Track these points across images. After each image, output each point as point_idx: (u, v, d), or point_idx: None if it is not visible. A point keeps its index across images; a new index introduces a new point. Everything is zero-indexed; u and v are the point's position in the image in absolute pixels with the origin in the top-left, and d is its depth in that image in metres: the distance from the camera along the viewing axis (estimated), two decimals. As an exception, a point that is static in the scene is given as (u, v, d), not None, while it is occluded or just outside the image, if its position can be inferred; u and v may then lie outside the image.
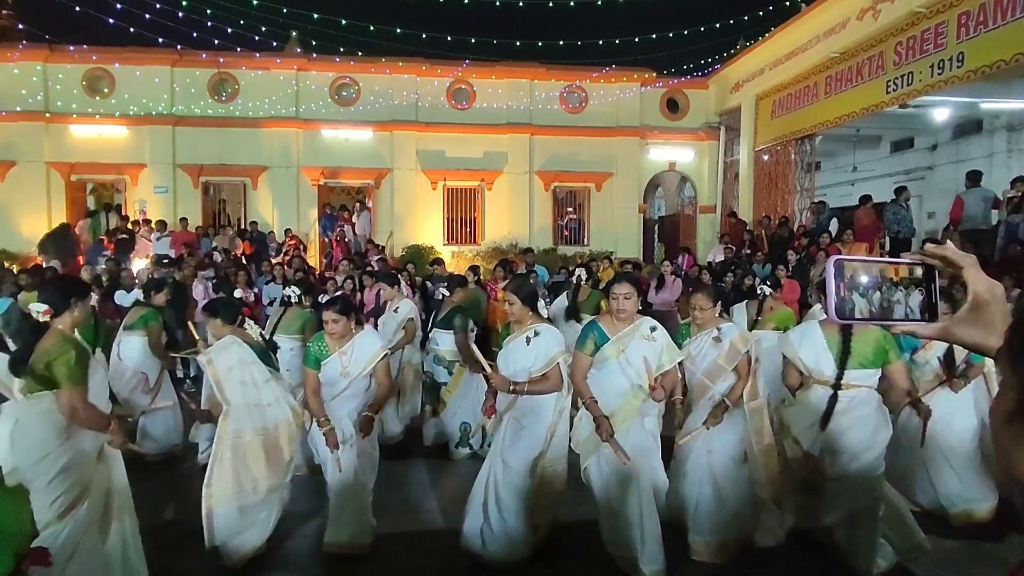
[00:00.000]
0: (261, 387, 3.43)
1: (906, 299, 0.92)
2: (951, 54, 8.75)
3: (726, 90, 15.38)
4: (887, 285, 0.92)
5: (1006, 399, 0.67)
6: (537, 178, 15.56)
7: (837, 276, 0.91)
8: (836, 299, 0.91)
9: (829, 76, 11.52)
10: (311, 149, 14.80)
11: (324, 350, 3.66)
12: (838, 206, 14.48)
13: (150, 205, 13.96)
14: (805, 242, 10.20)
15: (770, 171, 13.89)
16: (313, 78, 14.78)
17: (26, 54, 13.72)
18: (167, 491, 4.54)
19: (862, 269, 0.91)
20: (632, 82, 15.62)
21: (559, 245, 15.57)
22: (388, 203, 15.11)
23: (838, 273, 0.91)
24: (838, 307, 0.91)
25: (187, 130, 14.28)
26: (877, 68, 10.28)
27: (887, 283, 0.92)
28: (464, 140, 15.14)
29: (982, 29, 8.25)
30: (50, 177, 14.03)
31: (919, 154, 14.99)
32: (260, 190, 14.78)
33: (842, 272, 0.91)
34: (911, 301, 0.92)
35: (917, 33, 9.39)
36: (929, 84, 9.21)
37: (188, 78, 14.30)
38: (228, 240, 12.28)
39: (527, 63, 15.17)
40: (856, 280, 0.91)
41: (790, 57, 12.66)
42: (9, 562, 1.23)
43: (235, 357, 3.44)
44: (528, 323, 3.47)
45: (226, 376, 3.37)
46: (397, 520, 4.06)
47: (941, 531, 3.83)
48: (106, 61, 13.99)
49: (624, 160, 15.76)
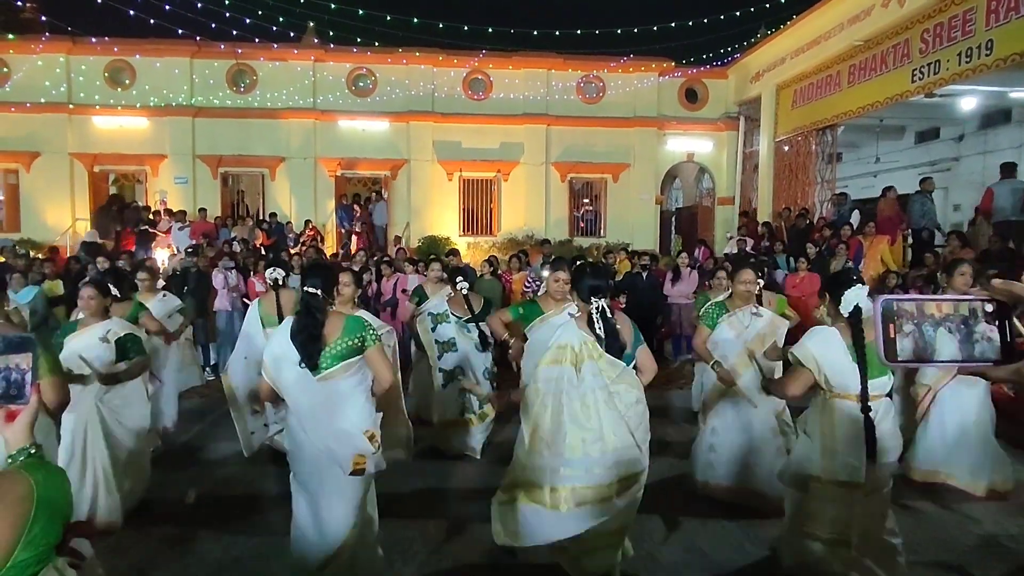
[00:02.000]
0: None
1: (965, 336, 0.87)
2: (980, 41, 8.52)
3: (746, 80, 15.15)
4: (937, 321, 0.87)
5: None
6: (553, 169, 15.49)
7: (886, 317, 0.88)
8: (885, 341, 0.88)
9: (852, 65, 11.29)
10: (328, 140, 14.87)
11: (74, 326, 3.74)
12: (860, 198, 14.24)
13: (170, 196, 14.15)
14: (827, 234, 10.05)
15: (790, 162, 13.68)
16: (330, 69, 14.82)
17: (49, 46, 13.93)
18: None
19: (912, 307, 0.88)
20: (650, 72, 15.45)
21: (575, 236, 15.52)
22: (404, 194, 15.15)
23: (887, 314, 0.88)
24: (887, 350, 0.88)
25: (206, 121, 14.42)
26: (903, 56, 10.05)
27: (939, 319, 0.87)
28: (480, 131, 15.11)
29: (1013, 16, 8.02)
30: (74, 168, 14.28)
31: (945, 145, 14.67)
32: (278, 181, 14.90)
33: (892, 313, 0.88)
34: (974, 338, 0.87)
35: (944, 20, 9.16)
36: (956, 73, 8.99)
37: (207, 69, 14.43)
38: (247, 230, 12.42)
39: (544, 53, 15.07)
40: (906, 319, 0.87)
41: (812, 46, 12.42)
42: (59, 532, 1.30)
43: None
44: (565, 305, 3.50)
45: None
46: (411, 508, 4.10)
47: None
48: (127, 53, 14.16)
49: (641, 151, 15.63)
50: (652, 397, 3.23)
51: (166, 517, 3.92)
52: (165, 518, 3.91)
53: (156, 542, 3.64)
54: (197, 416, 6.09)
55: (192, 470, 4.79)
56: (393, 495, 3.87)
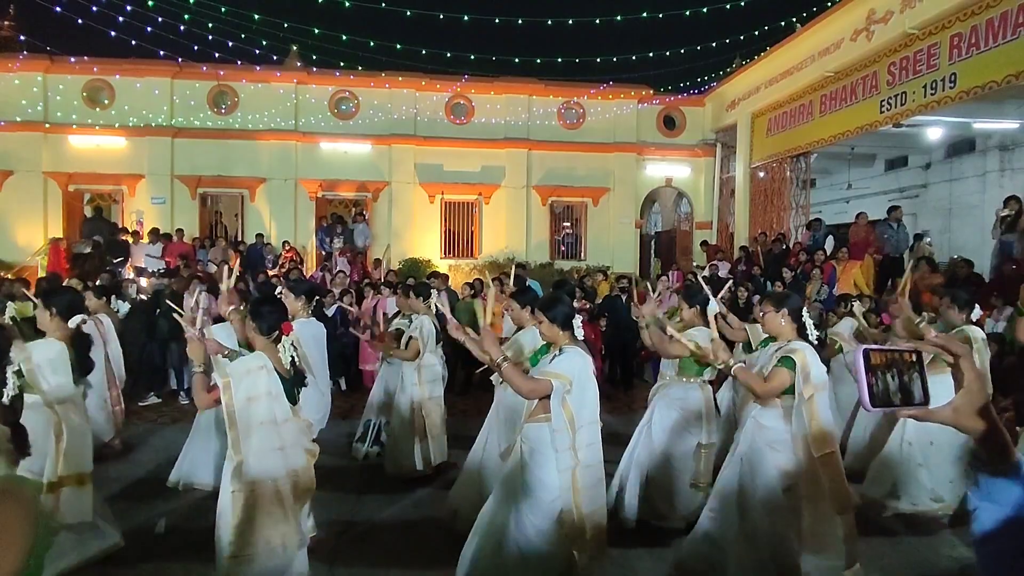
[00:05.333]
0: (280, 427, 2.87)
1: (913, 383, 0.97)
2: (944, 75, 8.88)
3: (722, 107, 15.53)
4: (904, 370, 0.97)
5: None
6: (534, 192, 15.63)
7: (867, 366, 0.95)
8: (868, 387, 0.95)
9: (824, 95, 11.66)
10: (310, 162, 14.86)
11: None
12: (833, 223, 14.59)
13: (147, 216, 13.97)
14: (803, 258, 10.26)
15: (766, 188, 13.99)
16: (313, 91, 14.87)
17: (27, 64, 13.78)
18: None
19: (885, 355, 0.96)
20: (629, 99, 15.77)
21: (556, 259, 15.61)
22: (386, 216, 15.15)
23: (867, 363, 0.95)
24: (871, 395, 0.95)
25: (186, 142, 14.33)
26: (871, 88, 10.41)
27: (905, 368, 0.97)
28: (462, 154, 15.22)
29: (974, 51, 8.38)
30: (47, 187, 14.03)
31: (913, 172, 15.15)
32: (258, 202, 14.81)
33: (870, 361, 0.95)
34: (917, 385, 0.97)
35: (910, 54, 9.53)
36: (922, 104, 9.33)
37: (188, 90, 14.38)
38: (221, 252, 12.25)
39: (525, 79, 15.31)
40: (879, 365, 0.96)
41: (785, 76, 12.81)
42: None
43: (261, 387, 2.82)
44: (561, 343, 3.06)
45: (243, 409, 2.78)
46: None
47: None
48: (106, 72, 14.06)
49: (621, 175, 15.86)
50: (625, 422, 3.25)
51: (135, 548, 3.79)
52: (134, 549, 3.78)
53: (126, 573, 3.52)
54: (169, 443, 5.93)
55: (162, 499, 4.66)
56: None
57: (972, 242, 12.05)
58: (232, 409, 2.72)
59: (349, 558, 3.76)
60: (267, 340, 2.91)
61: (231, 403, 2.72)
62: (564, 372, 2.89)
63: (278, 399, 2.86)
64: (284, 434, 2.88)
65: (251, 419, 2.78)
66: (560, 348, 3.03)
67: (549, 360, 3.03)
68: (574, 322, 3.07)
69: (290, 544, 2.88)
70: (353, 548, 3.89)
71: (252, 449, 2.78)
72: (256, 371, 2.81)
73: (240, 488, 2.77)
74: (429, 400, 5.05)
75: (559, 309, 3.06)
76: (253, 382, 2.79)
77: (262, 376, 2.82)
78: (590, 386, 2.95)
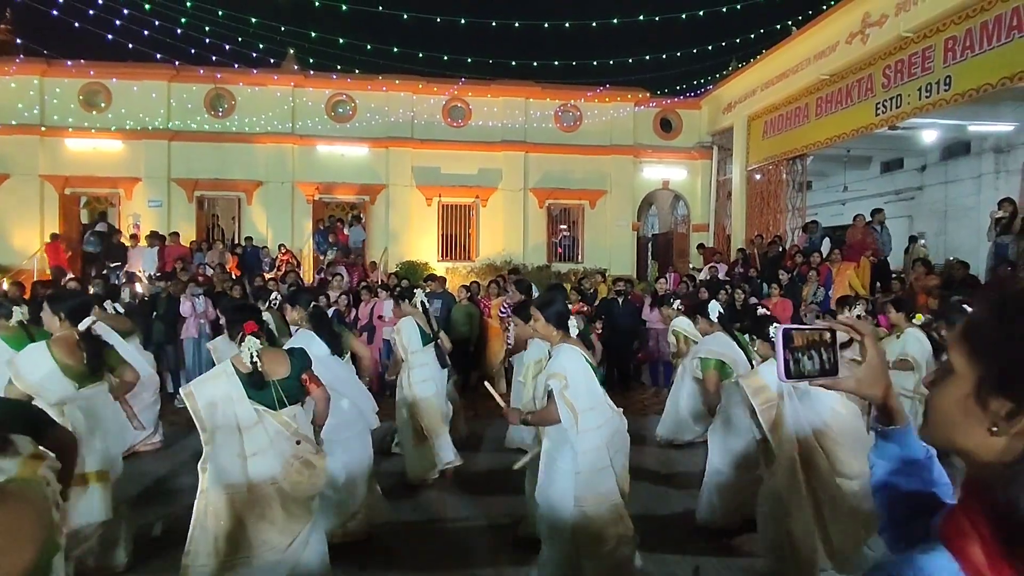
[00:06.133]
0: (246, 433, 2.86)
1: (827, 358, 1.10)
2: (938, 78, 8.92)
3: (718, 110, 15.57)
4: (820, 347, 1.09)
5: (960, 384, 0.83)
6: (531, 195, 15.65)
7: (786, 342, 1.07)
8: (784, 362, 1.07)
9: (819, 98, 11.70)
10: (307, 165, 14.86)
11: None
12: (830, 225, 14.64)
13: (144, 219, 13.94)
14: (799, 260, 10.28)
15: (762, 190, 14.03)
16: (309, 95, 14.88)
17: (23, 68, 13.76)
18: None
19: (804, 335, 1.09)
20: (626, 102, 15.80)
21: (553, 262, 15.62)
22: (383, 219, 15.15)
23: (786, 340, 1.07)
24: (787, 369, 1.07)
25: (182, 145, 14.31)
26: (866, 90, 10.45)
27: (821, 345, 1.09)
28: (459, 157, 15.24)
29: (968, 54, 8.43)
30: (44, 190, 14.00)
31: (908, 174, 15.20)
32: (255, 205, 14.79)
33: (791, 338, 1.07)
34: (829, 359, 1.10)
35: (905, 57, 9.57)
36: (917, 107, 9.37)
37: (185, 93, 14.37)
38: (218, 255, 12.24)
39: (522, 82, 15.34)
40: (799, 344, 1.08)
41: (781, 79, 12.86)
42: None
43: (220, 392, 2.85)
44: (555, 343, 3.19)
45: (209, 416, 2.81)
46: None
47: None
48: (103, 76, 14.05)
49: (618, 178, 15.89)
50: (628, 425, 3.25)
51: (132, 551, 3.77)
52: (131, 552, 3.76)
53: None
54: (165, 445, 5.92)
55: (159, 502, 4.64)
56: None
57: (968, 244, 12.11)
58: (198, 415, 2.81)
59: (349, 563, 3.76)
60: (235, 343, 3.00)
61: (196, 409, 2.81)
62: (557, 371, 3.02)
63: (240, 403, 2.85)
64: (252, 440, 2.84)
65: (214, 424, 2.83)
66: (553, 348, 3.17)
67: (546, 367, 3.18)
68: (569, 321, 3.22)
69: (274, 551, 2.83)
70: (355, 553, 3.87)
71: (214, 455, 2.83)
72: (215, 377, 2.90)
73: (206, 492, 2.83)
74: (421, 401, 5.00)
75: (553, 308, 3.20)
76: (212, 388, 2.87)
77: (221, 381, 2.87)
78: (583, 376, 3.05)
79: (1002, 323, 0.80)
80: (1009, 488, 0.73)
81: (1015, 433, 0.76)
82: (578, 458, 2.98)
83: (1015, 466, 0.74)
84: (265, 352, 2.96)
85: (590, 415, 3.02)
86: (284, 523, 2.85)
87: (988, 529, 0.74)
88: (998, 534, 0.73)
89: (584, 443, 2.98)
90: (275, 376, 2.94)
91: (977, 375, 0.81)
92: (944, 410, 0.86)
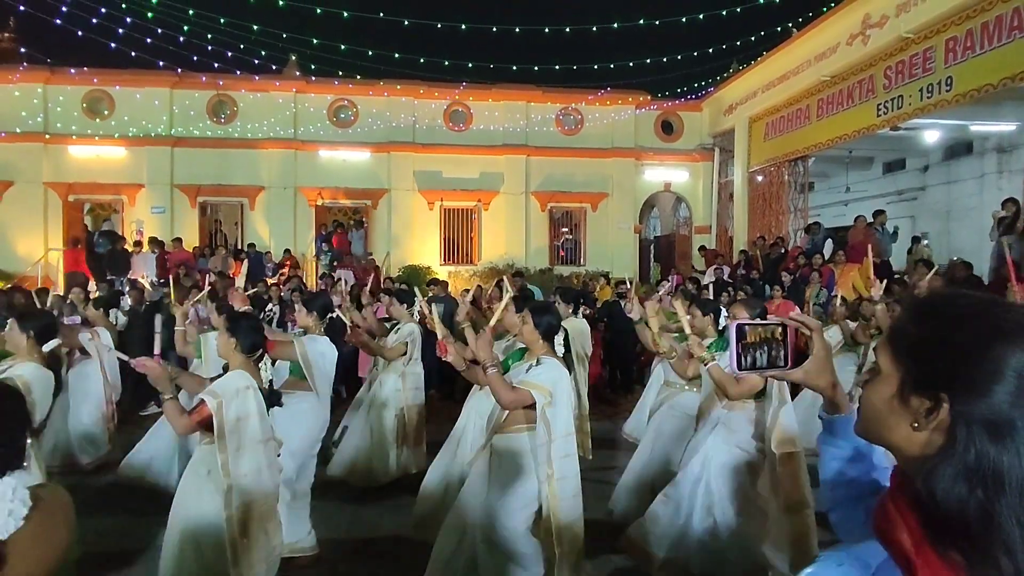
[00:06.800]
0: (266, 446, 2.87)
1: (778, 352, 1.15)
2: (940, 78, 8.91)
3: (719, 112, 15.58)
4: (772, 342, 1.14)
5: (887, 384, 0.89)
6: (533, 198, 15.66)
7: (739, 337, 1.13)
8: (736, 355, 1.13)
9: (821, 99, 11.70)
10: (309, 170, 14.90)
11: None
12: (832, 226, 14.61)
13: (147, 225, 13.99)
14: (801, 262, 10.27)
15: (764, 192, 14.02)
16: (311, 100, 14.93)
17: (27, 76, 13.84)
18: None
19: (756, 330, 1.14)
20: (627, 104, 15.82)
21: (555, 265, 15.62)
22: (385, 223, 15.17)
23: (739, 335, 1.13)
24: (738, 361, 1.13)
25: (185, 151, 14.37)
26: (867, 91, 10.45)
27: (773, 340, 1.14)
28: (461, 161, 15.27)
29: (970, 54, 8.42)
30: (48, 197, 14.07)
31: (911, 175, 15.17)
32: (257, 210, 14.84)
33: (743, 334, 1.13)
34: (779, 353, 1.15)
35: (906, 58, 9.57)
36: (919, 107, 9.36)
37: (187, 100, 14.44)
38: (221, 261, 12.28)
39: (523, 86, 15.37)
40: (752, 340, 1.13)
41: (782, 80, 12.86)
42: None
43: (252, 407, 2.79)
44: (538, 352, 3.08)
45: (233, 430, 2.71)
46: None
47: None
48: (106, 83, 14.13)
49: (619, 181, 15.90)
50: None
51: (134, 559, 3.78)
52: (133, 560, 3.76)
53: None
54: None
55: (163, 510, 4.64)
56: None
57: (971, 244, 12.06)
58: (223, 430, 2.65)
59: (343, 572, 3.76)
60: (247, 358, 2.86)
61: (222, 424, 2.64)
62: (544, 384, 2.89)
63: (264, 418, 2.83)
64: (269, 452, 2.89)
65: (242, 439, 2.73)
66: (537, 358, 3.02)
67: (525, 369, 3.03)
68: (557, 337, 3.08)
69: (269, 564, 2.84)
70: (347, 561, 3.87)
71: (243, 470, 2.73)
72: (244, 391, 2.77)
73: (234, 511, 2.71)
74: (412, 407, 5.01)
75: (546, 318, 3.09)
76: (243, 402, 2.75)
77: (250, 396, 2.79)
78: (566, 400, 2.95)
79: (918, 327, 0.87)
80: (928, 479, 0.78)
81: (933, 429, 0.82)
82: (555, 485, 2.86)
83: (934, 459, 0.80)
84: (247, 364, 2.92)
85: (565, 441, 2.92)
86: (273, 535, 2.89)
87: (914, 518, 0.80)
88: (922, 522, 0.79)
89: (558, 469, 2.87)
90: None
91: (900, 376, 0.87)
92: (873, 408, 0.91)
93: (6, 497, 1.18)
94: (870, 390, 0.92)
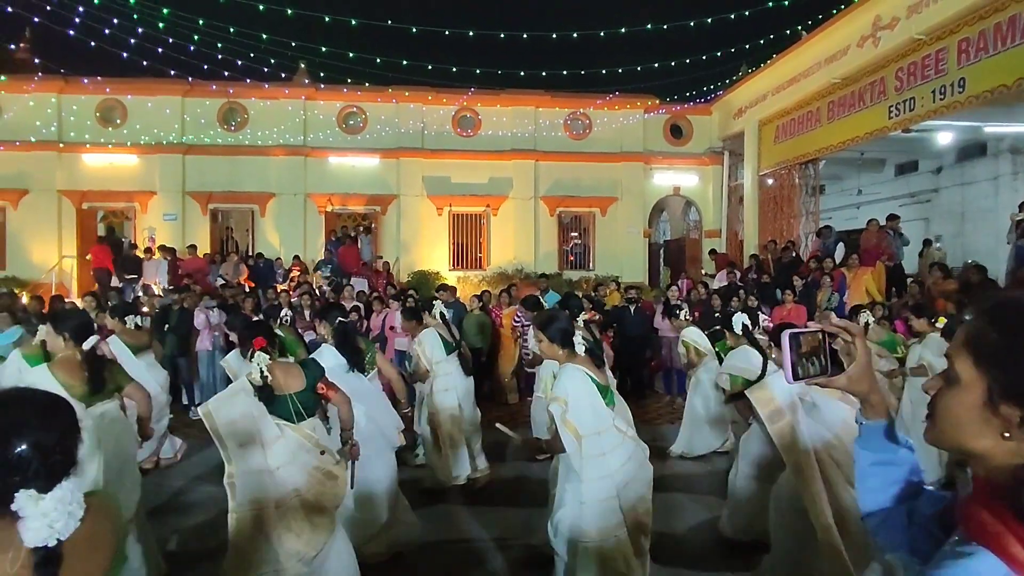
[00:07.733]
0: (269, 448, 2.88)
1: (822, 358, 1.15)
2: (952, 79, 8.81)
3: (729, 116, 15.50)
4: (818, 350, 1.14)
5: (969, 392, 0.87)
6: (542, 203, 15.65)
7: (793, 346, 1.12)
8: (792, 365, 1.13)
9: (831, 102, 11.60)
10: (319, 176, 14.98)
11: None
12: (844, 229, 14.47)
13: (159, 232, 14.12)
14: (813, 266, 10.17)
15: (775, 195, 13.92)
16: (321, 107, 15.02)
17: (41, 86, 14.04)
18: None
19: (808, 339, 1.14)
20: (635, 109, 15.78)
21: (564, 270, 15.58)
22: (394, 229, 15.22)
23: (794, 344, 1.12)
24: (794, 372, 1.13)
25: (197, 158, 14.50)
26: (879, 93, 10.35)
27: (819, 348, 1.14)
28: (470, 166, 15.29)
29: (983, 55, 8.32)
30: (62, 205, 14.24)
31: (924, 177, 15.00)
32: (268, 217, 14.94)
33: (799, 344, 1.13)
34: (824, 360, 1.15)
35: (918, 59, 9.47)
36: (931, 109, 9.26)
37: (198, 108, 14.58)
38: (232, 267, 12.35)
39: (531, 91, 15.38)
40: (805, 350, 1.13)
41: (792, 83, 12.78)
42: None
43: (237, 410, 2.85)
44: (563, 362, 3.06)
45: (229, 434, 2.81)
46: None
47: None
48: (119, 92, 14.30)
49: (628, 185, 15.85)
50: (641, 434, 3.22)
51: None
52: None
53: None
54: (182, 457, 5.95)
55: (175, 514, 4.66)
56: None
57: (986, 247, 11.89)
58: (218, 433, 2.80)
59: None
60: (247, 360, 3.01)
61: (216, 428, 2.80)
62: (559, 395, 2.91)
63: (262, 418, 2.87)
64: (276, 454, 2.87)
65: (237, 441, 2.82)
66: (559, 368, 3.04)
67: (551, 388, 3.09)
68: (574, 339, 3.05)
69: (303, 561, 2.81)
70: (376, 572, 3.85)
71: (239, 471, 2.81)
72: (233, 395, 2.89)
73: (236, 510, 2.80)
74: (441, 411, 5.02)
75: (555, 326, 3.06)
76: (231, 407, 2.85)
77: (240, 399, 2.86)
78: (586, 398, 2.92)
79: (1004, 334, 0.84)
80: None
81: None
82: (582, 487, 2.85)
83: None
84: (279, 366, 3.01)
85: (595, 440, 2.88)
86: (310, 534, 2.86)
87: (1021, 527, 0.77)
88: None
89: (589, 471, 2.85)
90: (291, 390, 2.98)
91: (985, 384, 0.85)
92: (954, 416, 0.89)
93: (66, 500, 1.24)
94: (949, 398, 0.90)
